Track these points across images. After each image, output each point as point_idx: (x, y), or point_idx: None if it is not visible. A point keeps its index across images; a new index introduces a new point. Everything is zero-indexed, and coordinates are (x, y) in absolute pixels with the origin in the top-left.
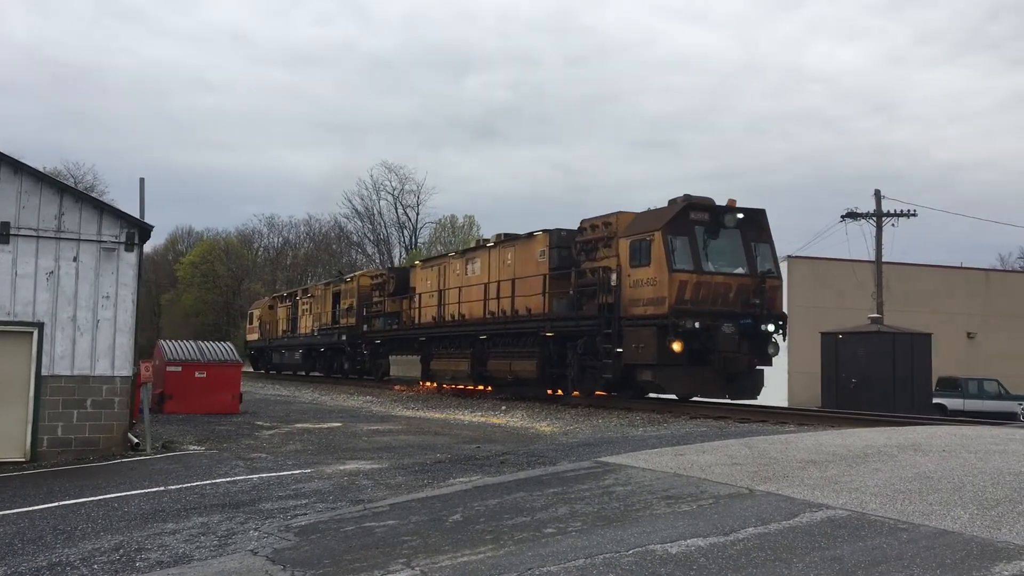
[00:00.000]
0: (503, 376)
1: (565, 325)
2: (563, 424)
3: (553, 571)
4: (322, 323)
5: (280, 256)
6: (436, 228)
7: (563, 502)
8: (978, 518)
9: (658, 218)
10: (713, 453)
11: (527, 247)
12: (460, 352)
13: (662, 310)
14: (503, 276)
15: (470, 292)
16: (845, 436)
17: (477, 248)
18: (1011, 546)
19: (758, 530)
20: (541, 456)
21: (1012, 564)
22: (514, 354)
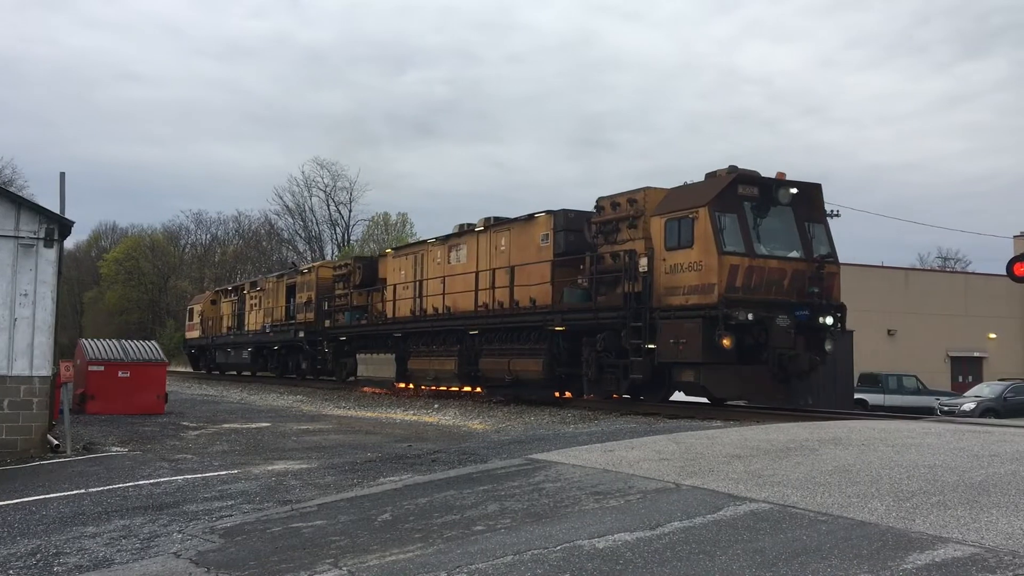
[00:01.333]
0: (499, 376)
1: (580, 318)
2: (495, 422)
3: (482, 568)
4: (274, 319)
5: (208, 253)
6: (369, 225)
7: (493, 499)
8: (894, 510)
9: (702, 193)
10: (641, 449)
11: (525, 231)
12: (445, 350)
13: (709, 299)
14: (497, 264)
15: (455, 282)
16: (769, 431)
17: (463, 233)
18: (924, 536)
19: (683, 524)
20: (472, 454)
21: (925, 554)
22: (513, 351)
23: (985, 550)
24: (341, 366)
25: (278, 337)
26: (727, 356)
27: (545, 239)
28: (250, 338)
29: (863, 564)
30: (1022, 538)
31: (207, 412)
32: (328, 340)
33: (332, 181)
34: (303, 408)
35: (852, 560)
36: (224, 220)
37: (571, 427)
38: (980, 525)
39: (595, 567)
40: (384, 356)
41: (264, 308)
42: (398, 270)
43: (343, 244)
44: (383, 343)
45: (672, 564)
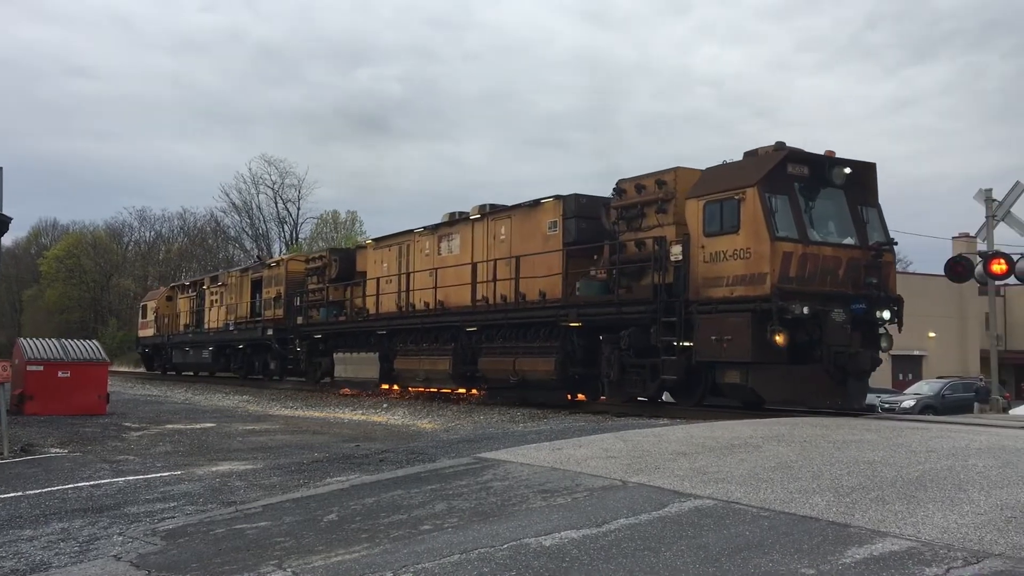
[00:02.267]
0: (502, 377)
1: (600, 313)
2: (445, 421)
3: (428, 567)
4: (238, 316)
5: (152, 251)
6: (318, 223)
7: (441, 499)
8: (834, 505)
9: (748, 171)
10: (589, 447)
11: (529, 218)
12: (438, 348)
13: (760, 290)
14: (496, 254)
15: (448, 275)
16: (715, 428)
17: (455, 222)
18: (863, 531)
19: (629, 521)
20: (421, 453)
21: (863, 548)
22: (519, 350)
23: (921, 544)
24: (315, 366)
25: (243, 335)
26: (778, 355)
27: (553, 227)
28: (211, 337)
29: (803, 558)
30: (956, 532)
31: (150, 413)
32: (301, 338)
33: (280, 178)
34: (249, 408)
35: (793, 554)
36: (169, 217)
37: (520, 426)
38: (917, 519)
39: (541, 565)
40: (365, 355)
41: (226, 304)
42: (379, 262)
43: (291, 242)
44: (364, 341)
45: (617, 561)
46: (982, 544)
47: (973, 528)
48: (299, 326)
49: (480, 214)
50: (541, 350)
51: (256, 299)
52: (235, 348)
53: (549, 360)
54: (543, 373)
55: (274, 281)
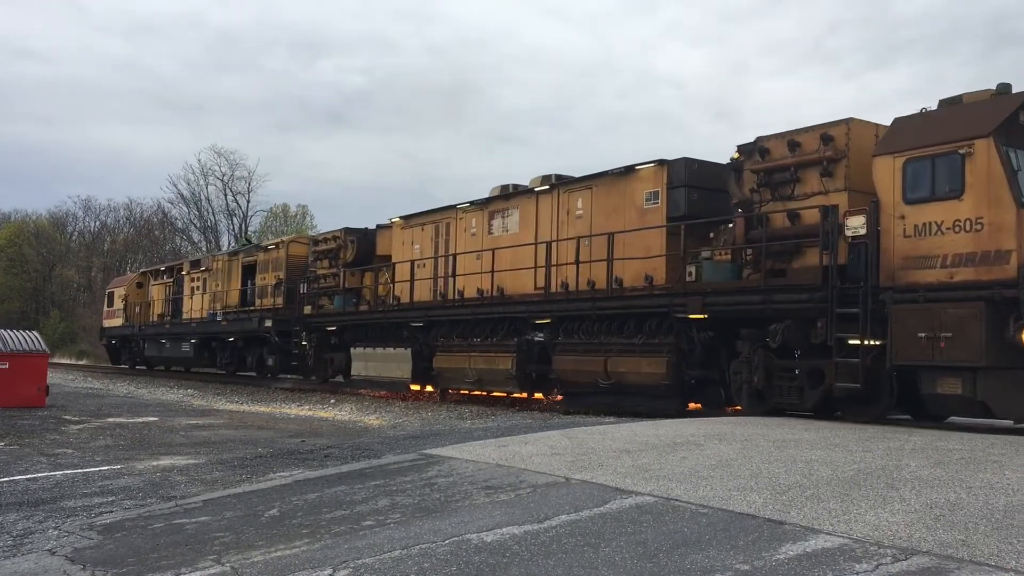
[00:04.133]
0: (586, 380)
1: (738, 302)
2: (392, 417)
3: (368, 563)
4: (226, 304)
5: (97, 241)
6: (268, 216)
7: (384, 494)
8: (771, 502)
9: (976, 118)
10: (535, 444)
11: (618, 189)
12: (495, 344)
13: (999, 273)
14: (571, 232)
15: (504, 257)
16: (659, 427)
17: (512, 196)
18: (798, 528)
19: (571, 517)
20: (367, 449)
21: (797, 544)
22: (614, 347)
23: (853, 541)
24: (324, 363)
25: (235, 327)
26: (1017, 358)
27: (652, 198)
28: (192, 328)
29: (739, 555)
30: (887, 529)
31: (92, 406)
32: (309, 331)
33: (230, 170)
34: (194, 402)
35: (729, 551)
36: (115, 207)
37: (468, 423)
38: (850, 517)
39: (482, 560)
40: (394, 351)
41: (211, 292)
42: (409, 244)
43: (240, 235)
44: (393, 335)
45: (557, 556)
46: (911, 541)
47: (903, 526)
48: (307, 317)
49: (547, 186)
50: (646, 348)
51: (248, 286)
52: (223, 341)
53: (658, 360)
54: (649, 376)
55: (272, 266)
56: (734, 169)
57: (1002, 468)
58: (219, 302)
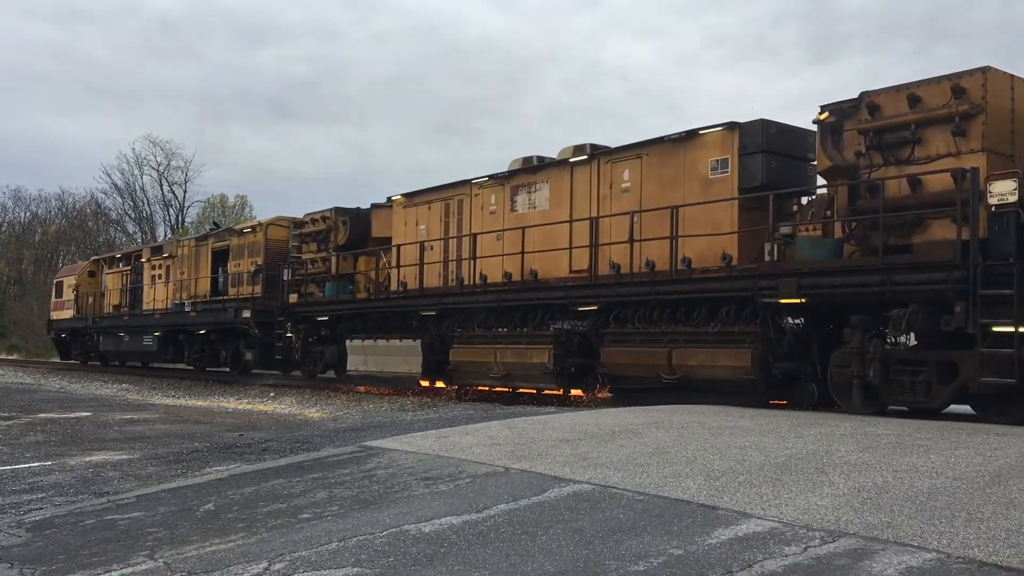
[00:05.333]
0: (644, 375)
1: (847, 284)
2: (333, 410)
3: (305, 555)
4: (195, 294)
5: (27, 233)
6: (205, 207)
7: (323, 487)
8: (705, 488)
9: None
10: (475, 434)
11: (675, 157)
12: (526, 334)
13: None
14: (617, 207)
15: (532, 237)
16: (599, 416)
17: (539, 168)
18: (730, 513)
19: (509, 506)
20: (306, 442)
21: (729, 529)
22: (680, 337)
23: (783, 524)
24: (312, 357)
25: (207, 318)
26: None
27: (719, 167)
28: (157, 320)
29: (673, 540)
30: (816, 513)
31: (22, 401)
32: (296, 322)
33: (166, 160)
34: (129, 397)
35: (663, 536)
36: (46, 198)
37: (409, 415)
38: (780, 501)
39: (419, 551)
40: (400, 343)
41: (175, 281)
42: (413, 224)
43: (176, 227)
44: (397, 325)
45: (495, 545)
46: (839, 524)
47: (831, 509)
48: (294, 306)
49: (584, 156)
50: (724, 338)
51: (222, 273)
52: (192, 334)
53: (740, 352)
54: (728, 370)
55: (248, 251)
56: (831, 131)
57: (927, 452)
58: (186, 291)
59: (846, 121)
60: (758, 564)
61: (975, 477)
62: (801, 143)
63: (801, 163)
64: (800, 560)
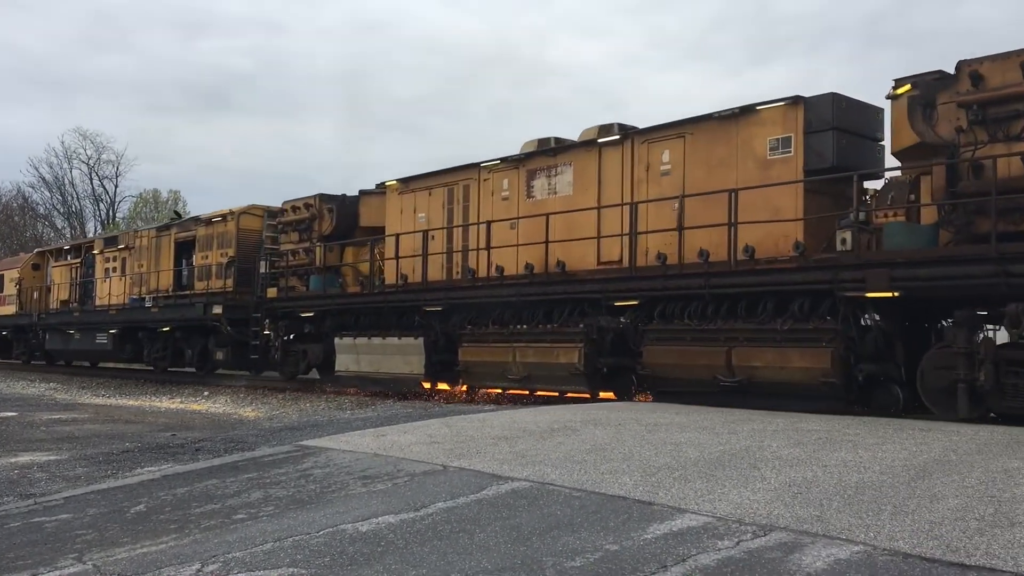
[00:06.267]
0: (697, 377)
1: (951, 275)
2: (269, 409)
3: (239, 556)
4: (155, 288)
5: None
6: (137, 202)
7: (258, 487)
8: (641, 484)
9: None
10: (414, 433)
11: (727, 135)
12: (551, 332)
13: None
14: (654, 191)
15: (555, 225)
16: (538, 413)
17: (560, 150)
18: (665, 508)
19: (447, 504)
20: (241, 442)
21: (664, 524)
22: (741, 335)
23: (717, 519)
24: (294, 357)
25: (171, 314)
26: None
27: (781, 146)
28: (112, 316)
29: (609, 535)
30: (749, 507)
31: None
32: (275, 318)
33: (96, 153)
34: (57, 396)
35: (600, 532)
36: None
37: (347, 413)
38: (714, 496)
39: (356, 550)
40: (399, 342)
41: (133, 274)
42: (411, 212)
43: (107, 222)
44: (395, 321)
45: (432, 543)
46: (770, 518)
47: (763, 503)
48: (273, 301)
49: (615, 136)
50: (797, 336)
51: (187, 266)
52: (153, 331)
53: (818, 352)
54: (804, 373)
55: (218, 241)
56: (921, 105)
57: (856, 447)
58: (144, 285)
59: (940, 94)
60: (692, 559)
61: (901, 471)
62: (871, 121)
63: (870, 143)
64: (732, 554)
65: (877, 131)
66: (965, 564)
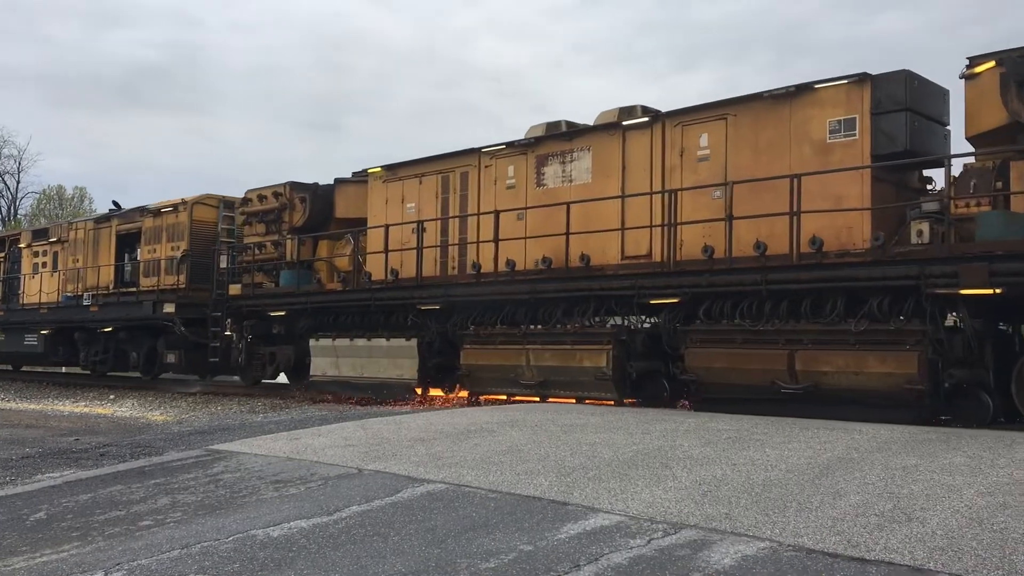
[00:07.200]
0: (753, 383)
1: None
2: (178, 413)
3: (144, 564)
4: (93, 284)
5: None
6: (40, 199)
7: (165, 493)
8: (556, 484)
9: None
10: (328, 436)
11: (776, 117)
12: (572, 333)
13: None
14: (696, 178)
15: (582, 215)
16: (454, 415)
17: (577, 133)
18: (579, 508)
19: (362, 508)
20: (148, 447)
21: (578, 524)
22: (806, 337)
23: (629, 518)
24: (259, 361)
25: (115, 313)
26: None
27: (843, 128)
28: (43, 315)
29: (524, 536)
30: (660, 506)
31: None
32: (240, 317)
33: None
34: None
35: (515, 532)
36: None
37: (260, 416)
38: (627, 495)
39: (267, 555)
40: (388, 343)
41: (67, 270)
42: (397, 202)
43: (8, 219)
44: (381, 321)
45: (346, 547)
46: (680, 516)
47: (674, 502)
48: (237, 298)
49: (645, 118)
50: (874, 338)
51: (131, 261)
52: (93, 332)
53: (901, 356)
54: (884, 379)
55: (167, 234)
56: (1015, 82)
57: (763, 446)
58: (81, 282)
59: None
60: (604, 557)
61: (806, 469)
62: (938, 103)
63: (937, 127)
64: (644, 552)
65: (944, 114)
66: (865, 559)
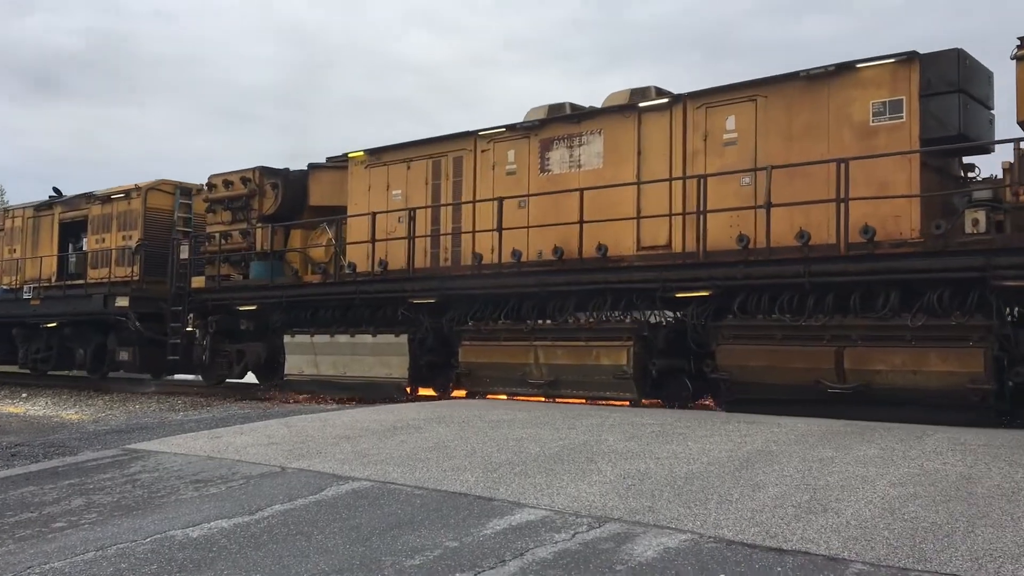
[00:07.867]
0: (797, 383)
1: None
2: (95, 411)
3: (58, 567)
4: (33, 276)
5: None
6: None
7: (79, 494)
8: (482, 480)
9: None
10: (251, 434)
11: (811, 98)
12: (588, 329)
13: None
14: (722, 163)
15: (596, 202)
16: (380, 412)
17: (586, 116)
18: (505, 503)
19: (285, 506)
20: (62, 446)
21: (504, 519)
22: (855, 333)
23: (555, 513)
24: (221, 359)
25: (61, 307)
26: None
27: (888, 110)
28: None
29: (449, 532)
30: (585, 500)
31: None
32: (204, 312)
33: None
34: None
35: (440, 529)
36: None
37: (180, 415)
38: (553, 490)
39: (186, 556)
40: (373, 340)
41: (3, 261)
42: (381, 188)
43: None
44: (366, 316)
45: (268, 547)
46: (605, 510)
47: (599, 496)
48: (203, 291)
49: (663, 99)
50: (932, 334)
51: (77, 251)
52: (34, 328)
53: (964, 353)
54: (946, 378)
55: (118, 222)
56: None
57: (686, 440)
58: (19, 273)
59: None
60: (529, 552)
61: (726, 462)
62: (987, 86)
63: (984, 111)
64: (568, 546)
65: (989, 97)
66: (783, 549)
